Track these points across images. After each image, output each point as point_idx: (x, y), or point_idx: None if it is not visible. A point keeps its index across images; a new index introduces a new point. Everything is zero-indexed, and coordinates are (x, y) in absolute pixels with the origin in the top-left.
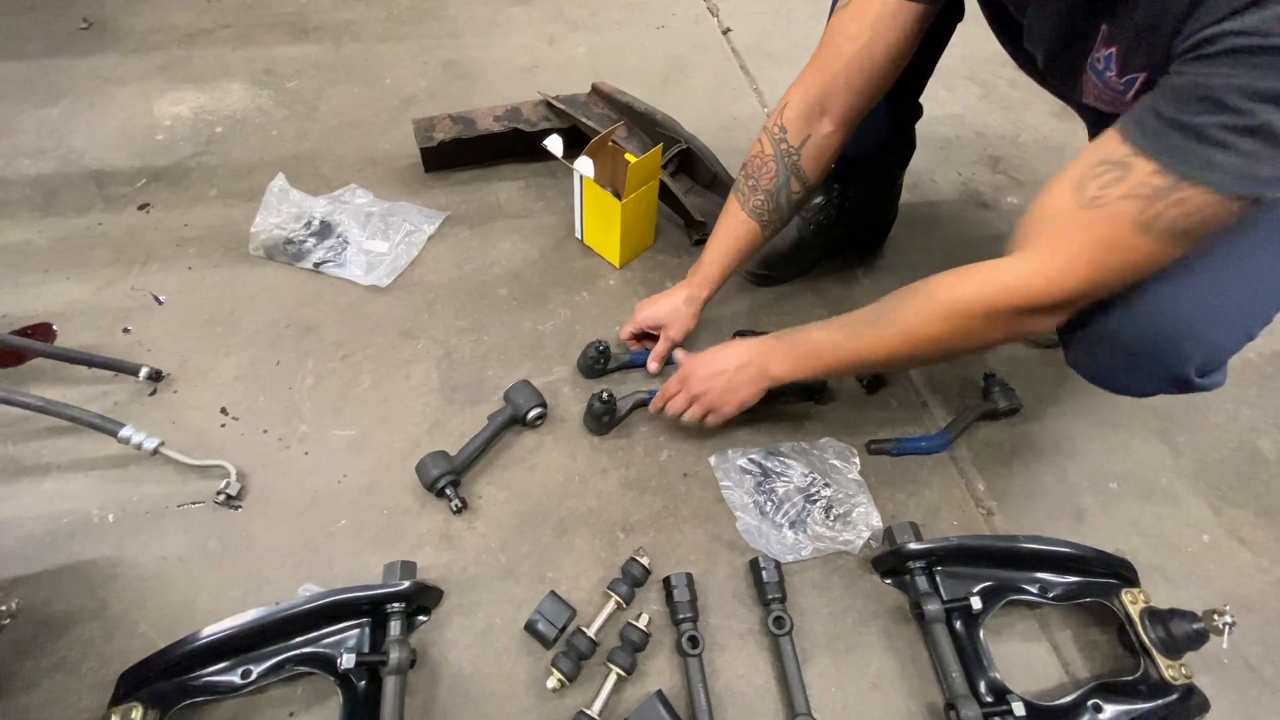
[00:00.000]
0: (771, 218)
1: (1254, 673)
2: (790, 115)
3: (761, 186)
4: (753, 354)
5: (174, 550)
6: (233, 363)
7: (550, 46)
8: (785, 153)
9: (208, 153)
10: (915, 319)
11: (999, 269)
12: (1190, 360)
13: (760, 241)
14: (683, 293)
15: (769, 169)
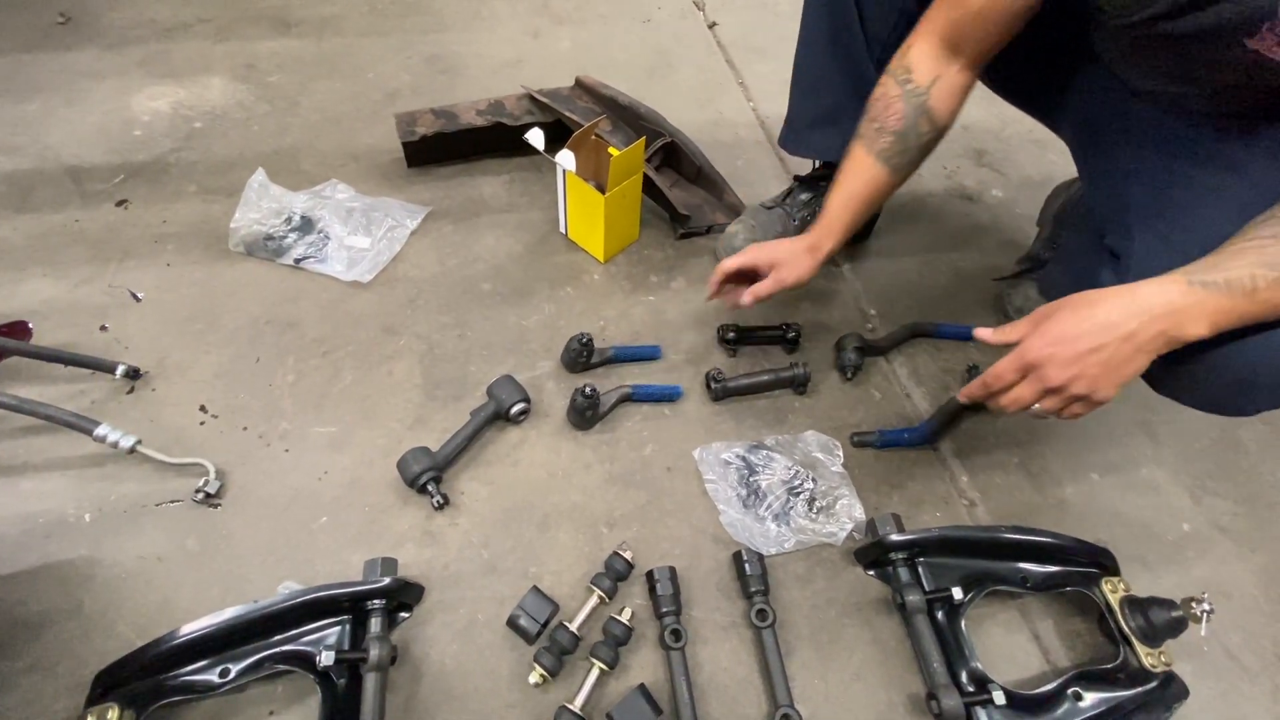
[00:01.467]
0: (900, 160)
1: (1233, 660)
2: (917, 56)
3: (889, 128)
4: (1166, 309)
5: (152, 549)
6: (212, 360)
7: (535, 40)
8: (913, 92)
9: (187, 148)
10: None
11: None
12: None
13: (888, 188)
14: (805, 241)
15: (895, 110)
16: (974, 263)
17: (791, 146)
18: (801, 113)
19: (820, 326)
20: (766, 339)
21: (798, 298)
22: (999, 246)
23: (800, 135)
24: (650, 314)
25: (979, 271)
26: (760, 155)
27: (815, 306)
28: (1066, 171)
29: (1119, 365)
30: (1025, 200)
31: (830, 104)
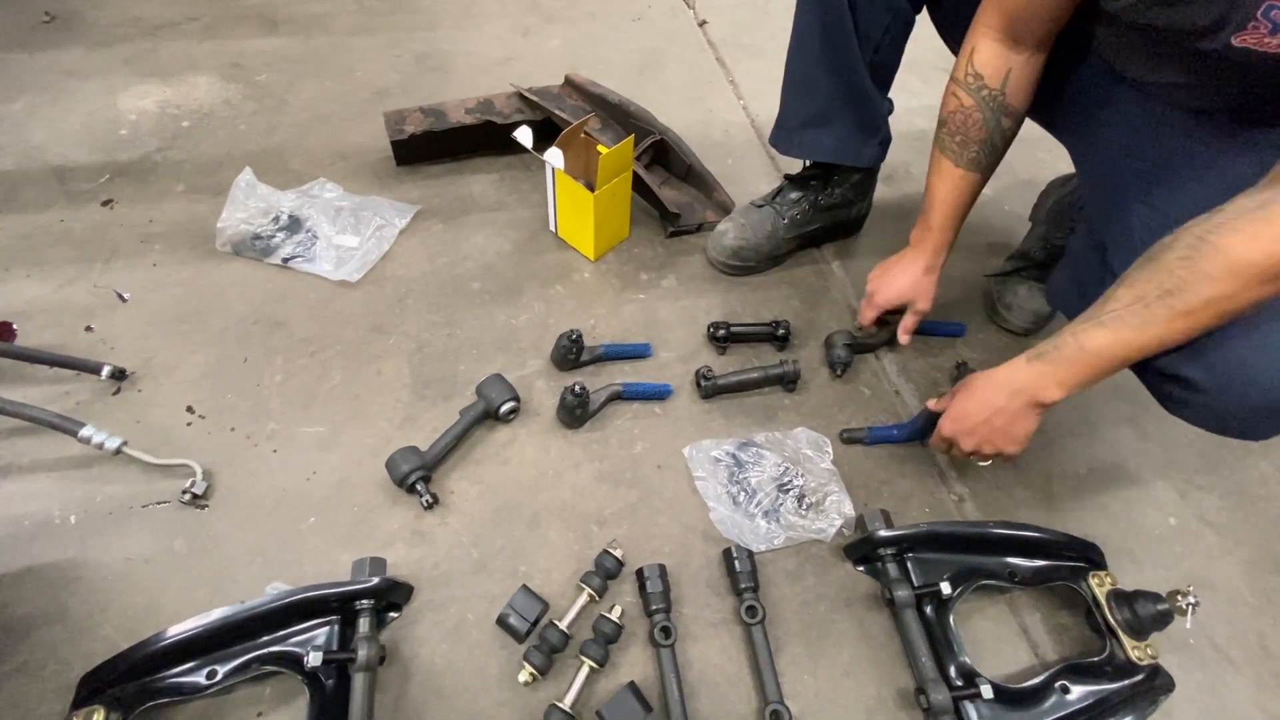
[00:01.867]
0: (989, 160)
1: (1219, 652)
2: (982, 59)
3: (973, 139)
4: (1011, 391)
5: (138, 551)
6: (199, 360)
7: (525, 39)
8: (989, 98)
9: (173, 147)
10: (1226, 293)
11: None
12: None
13: (981, 188)
14: (920, 262)
15: (974, 120)
16: (964, 260)
17: (783, 146)
18: (793, 113)
19: (809, 324)
20: (756, 337)
21: (786, 296)
22: (988, 243)
23: (791, 135)
24: (641, 312)
25: (969, 268)
26: (750, 153)
27: (804, 304)
28: (1055, 169)
29: (1008, 429)
30: (1014, 198)
31: (822, 104)
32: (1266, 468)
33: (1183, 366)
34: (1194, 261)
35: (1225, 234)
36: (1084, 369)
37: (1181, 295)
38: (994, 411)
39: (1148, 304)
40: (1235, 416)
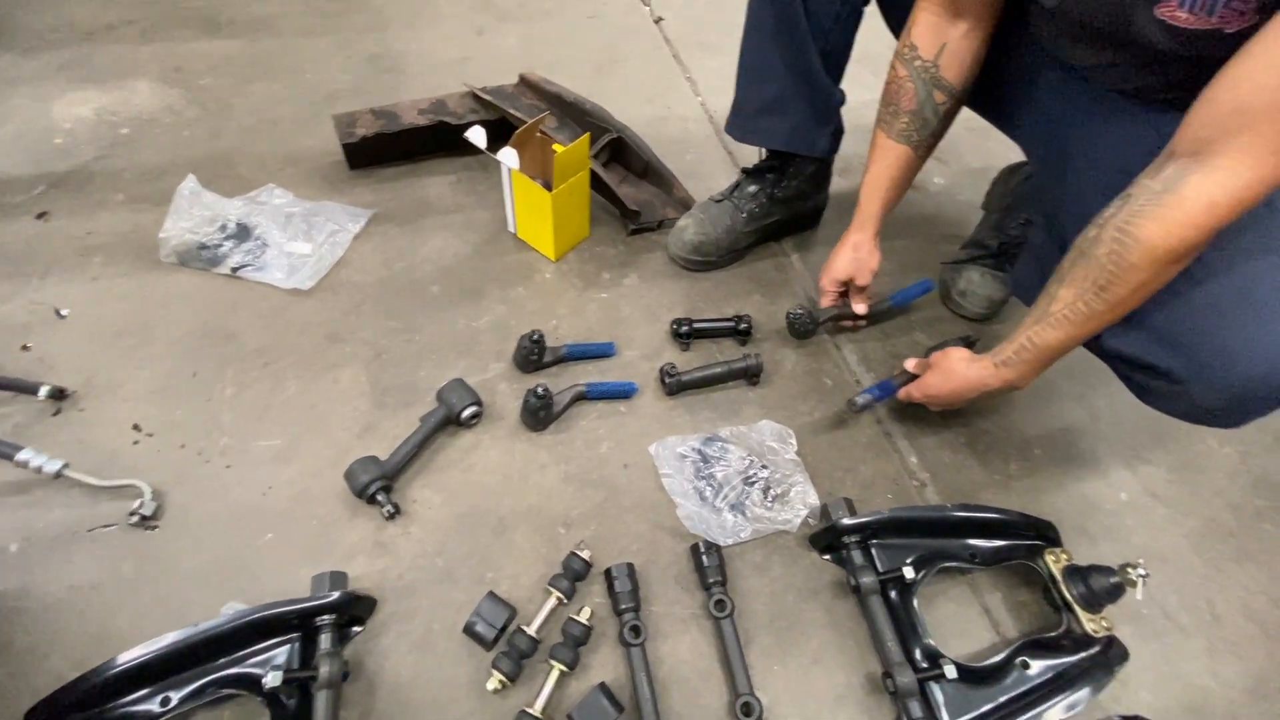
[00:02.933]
0: (922, 134)
1: (1170, 620)
2: (919, 31)
3: (903, 109)
4: (981, 383)
5: (85, 578)
6: (145, 376)
7: (480, 38)
8: (921, 69)
9: (112, 156)
10: (1148, 278)
11: (1216, 190)
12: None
13: (916, 163)
14: (849, 239)
15: (906, 90)
16: (919, 249)
17: (739, 134)
18: (748, 100)
19: (771, 317)
20: (718, 332)
21: (747, 290)
22: (943, 233)
23: (747, 123)
24: (604, 311)
25: (924, 258)
26: (709, 149)
27: (765, 298)
28: (1006, 158)
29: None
30: (966, 187)
31: (776, 91)
32: (1211, 441)
33: (1160, 358)
34: (1119, 255)
35: (1141, 224)
36: (1041, 365)
37: (1113, 288)
38: (959, 398)
39: (1086, 301)
40: (1214, 406)
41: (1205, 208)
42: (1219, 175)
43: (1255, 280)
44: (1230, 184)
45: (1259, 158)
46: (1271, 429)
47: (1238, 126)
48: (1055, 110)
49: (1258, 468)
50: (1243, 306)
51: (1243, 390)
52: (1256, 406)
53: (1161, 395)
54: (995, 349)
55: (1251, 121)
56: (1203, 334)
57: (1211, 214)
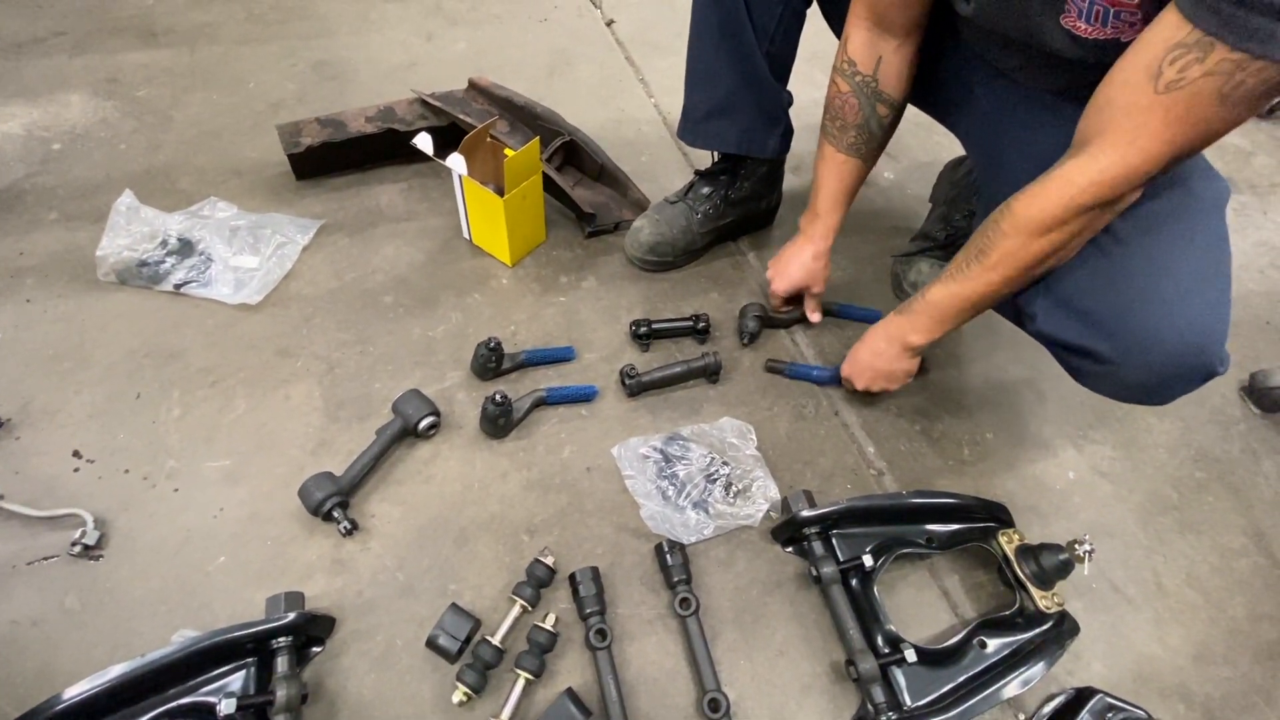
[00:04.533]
0: (869, 146)
1: (1119, 593)
2: (854, 45)
3: (850, 124)
4: (887, 338)
5: (25, 613)
6: (84, 401)
7: (429, 43)
8: (862, 84)
9: (44, 172)
10: (1014, 245)
11: (1076, 171)
12: (1216, 355)
13: (864, 173)
14: (809, 249)
15: (850, 105)
16: (871, 243)
17: (690, 138)
18: (696, 105)
19: (729, 315)
20: (677, 332)
21: (705, 289)
22: (893, 226)
23: (697, 127)
24: (562, 315)
25: (876, 251)
26: (663, 150)
27: (723, 296)
28: (952, 151)
29: (890, 372)
30: (915, 181)
31: (723, 96)
32: (1151, 419)
33: (1090, 341)
34: (997, 223)
35: (1018, 198)
36: (931, 318)
37: (989, 251)
38: (876, 355)
39: (969, 262)
40: (1142, 384)
41: (1063, 184)
42: (1082, 160)
43: (1176, 264)
44: (1089, 167)
45: (1117, 147)
46: (1210, 404)
47: (1103, 120)
48: (990, 108)
49: (1197, 442)
50: (1165, 289)
51: (1167, 368)
52: (1182, 383)
53: (1093, 376)
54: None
55: (1112, 116)
56: (1128, 317)
57: (1067, 190)
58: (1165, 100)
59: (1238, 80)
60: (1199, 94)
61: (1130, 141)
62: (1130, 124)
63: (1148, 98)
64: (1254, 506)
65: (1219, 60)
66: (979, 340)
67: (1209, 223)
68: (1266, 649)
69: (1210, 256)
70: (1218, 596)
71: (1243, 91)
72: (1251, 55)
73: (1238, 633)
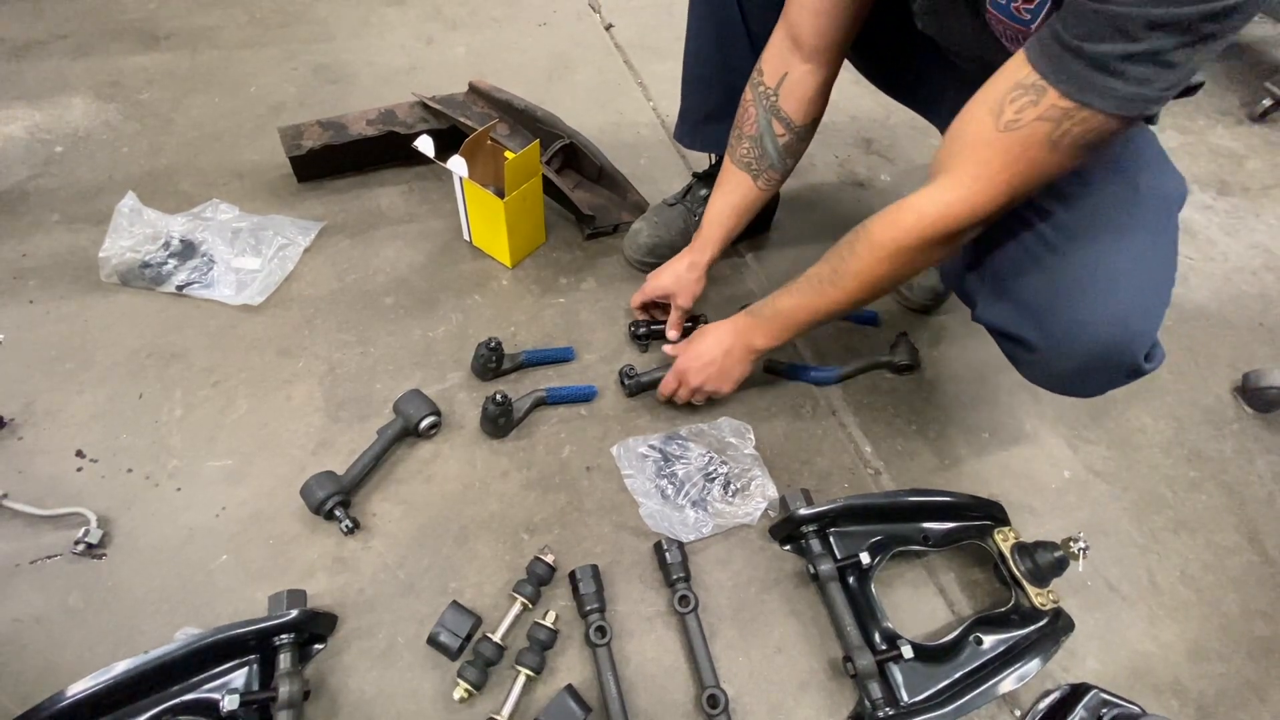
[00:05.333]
0: (761, 165)
1: (1113, 591)
2: (767, 56)
3: (745, 134)
4: (733, 336)
5: (28, 611)
6: (87, 401)
7: (428, 47)
8: (763, 95)
9: (46, 175)
10: (864, 265)
11: (926, 202)
12: (1140, 350)
13: (755, 195)
14: (685, 259)
15: (749, 114)
16: None
17: (687, 141)
18: (693, 108)
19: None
20: None
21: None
22: None
23: (694, 130)
24: (562, 316)
25: None
26: (662, 153)
27: (721, 298)
28: None
29: (728, 371)
30: (912, 183)
31: (719, 99)
32: (1145, 418)
33: (1020, 328)
34: (852, 244)
35: (875, 221)
36: (778, 325)
37: (841, 268)
38: (723, 351)
39: (821, 277)
40: (1063, 374)
41: (915, 216)
42: (932, 191)
43: (1108, 256)
44: (937, 199)
45: (961, 182)
46: (1203, 404)
47: (952, 153)
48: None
49: (1191, 442)
50: (1094, 280)
51: (1090, 359)
52: (1104, 375)
53: (1025, 364)
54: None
55: (959, 149)
56: (1057, 305)
57: (919, 222)
58: (1005, 139)
59: (1065, 128)
60: (1032, 136)
61: (975, 177)
62: (975, 158)
63: (990, 133)
64: (1247, 505)
65: (1049, 106)
66: (974, 341)
67: (1154, 220)
68: (1260, 645)
69: (1149, 253)
70: (1211, 593)
71: (1069, 140)
72: (1076, 103)
73: (1231, 629)
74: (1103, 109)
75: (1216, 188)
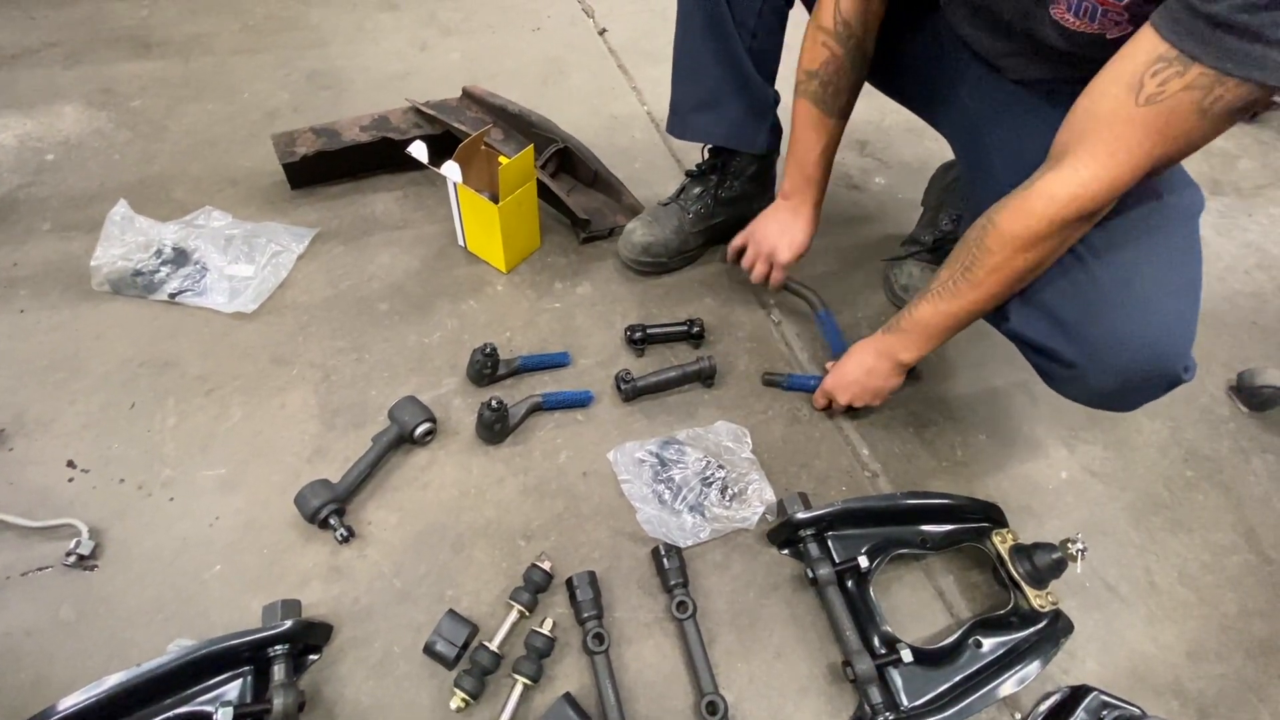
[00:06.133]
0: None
1: (1112, 591)
2: (847, 6)
3: (843, 88)
4: (878, 355)
5: (19, 623)
6: (79, 411)
7: (422, 53)
8: (854, 48)
9: (38, 183)
10: (1001, 259)
11: (1058, 184)
12: (1180, 363)
13: (835, 130)
14: (786, 205)
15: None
16: (862, 247)
17: (678, 131)
18: (684, 99)
19: (723, 320)
20: (672, 336)
21: (699, 294)
22: (884, 230)
23: (685, 120)
24: (557, 321)
25: (867, 255)
26: (656, 156)
27: (717, 301)
28: (942, 156)
29: (877, 386)
30: (906, 185)
31: (709, 89)
32: (1142, 419)
33: (1057, 343)
34: (981, 239)
35: (1000, 213)
36: (920, 335)
37: (974, 268)
38: (867, 371)
39: (955, 279)
40: (1105, 389)
41: (1046, 200)
42: (1063, 173)
43: (1144, 273)
44: (1070, 180)
45: (1097, 159)
46: (1199, 404)
47: (1083, 132)
48: (976, 107)
49: (1187, 441)
50: (1130, 295)
51: (1130, 374)
52: (1145, 389)
53: (1060, 379)
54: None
55: (1093, 127)
56: (1094, 322)
57: (1051, 205)
58: (1145, 113)
59: (1216, 95)
60: (1179, 108)
61: (1111, 153)
62: (1111, 135)
63: (1128, 110)
64: (1244, 504)
65: (1198, 75)
66: (972, 345)
67: (1180, 233)
68: (1258, 645)
69: (1179, 267)
70: (1210, 594)
71: (1221, 106)
72: (1227, 73)
73: (1230, 629)
74: (1257, 79)
75: (1209, 188)
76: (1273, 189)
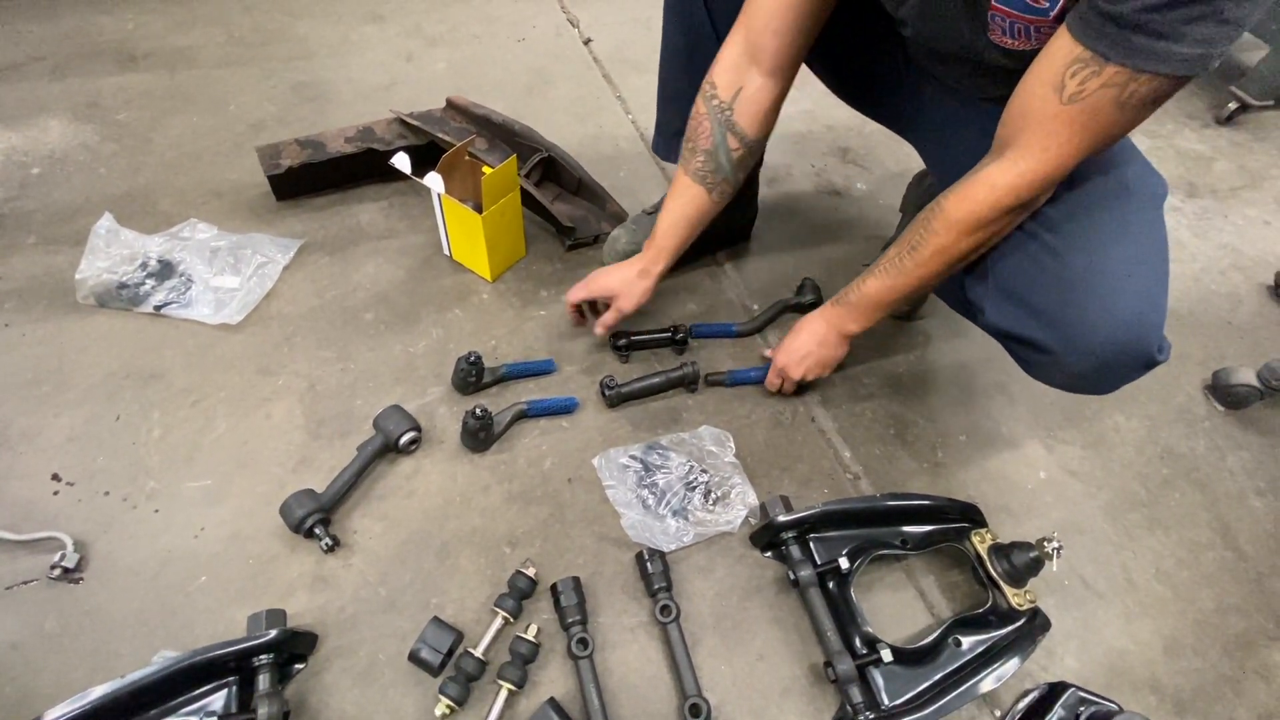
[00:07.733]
0: (715, 179)
1: (1089, 589)
2: (719, 70)
3: (700, 147)
4: (826, 326)
5: (4, 637)
6: (63, 423)
7: (408, 63)
8: (717, 109)
9: (23, 197)
10: (946, 241)
11: (998, 174)
12: (1154, 344)
13: (709, 207)
14: (637, 266)
15: (704, 128)
16: (844, 252)
17: (663, 153)
18: (668, 121)
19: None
20: (656, 343)
21: (683, 301)
22: (866, 235)
23: (669, 142)
24: (543, 328)
25: (849, 260)
26: (641, 165)
27: (701, 307)
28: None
29: (826, 359)
30: (887, 191)
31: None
32: (1119, 418)
33: (1034, 331)
34: (928, 221)
35: (947, 197)
36: (867, 309)
37: (920, 247)
38: (819, 341)
39: (902, 257)
40: (1082, 373)
41: (988, 188)
42: (1004, 164)
43: (1111, 254)
44: (1009, 171)
45: (1032, 153)
46: (1175, 403)
47: (1018, 129)
48: (940, 120)
49: (1163, 440)
50: (1102, 279)
51: (1107, 356)
52: (1122, 370)
53: (1039, 366)
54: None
55: (1025, 125)
56: (1067, 306)
57: (993, 193)
58: (1070, 110)
59: (1131, 90)
60: (1100, 104)
61: (1044, 148)
62: (1042, 131)
63: (1054, 107)
64: (1219, 501)
65: (1113, 74)
66: (951, 345)
67: (1144, 214)
68: (1234, 640)
69: (1145, 246)
70: (1186, 590)
71: (1137, 99)
72: (1139, 70)
73: (1206, 625)
74: (1165, 73)
75: (1185, 190)
76: (1248, 191)
